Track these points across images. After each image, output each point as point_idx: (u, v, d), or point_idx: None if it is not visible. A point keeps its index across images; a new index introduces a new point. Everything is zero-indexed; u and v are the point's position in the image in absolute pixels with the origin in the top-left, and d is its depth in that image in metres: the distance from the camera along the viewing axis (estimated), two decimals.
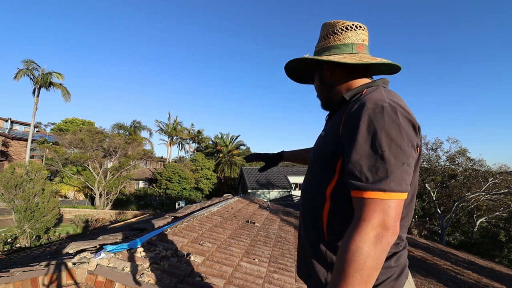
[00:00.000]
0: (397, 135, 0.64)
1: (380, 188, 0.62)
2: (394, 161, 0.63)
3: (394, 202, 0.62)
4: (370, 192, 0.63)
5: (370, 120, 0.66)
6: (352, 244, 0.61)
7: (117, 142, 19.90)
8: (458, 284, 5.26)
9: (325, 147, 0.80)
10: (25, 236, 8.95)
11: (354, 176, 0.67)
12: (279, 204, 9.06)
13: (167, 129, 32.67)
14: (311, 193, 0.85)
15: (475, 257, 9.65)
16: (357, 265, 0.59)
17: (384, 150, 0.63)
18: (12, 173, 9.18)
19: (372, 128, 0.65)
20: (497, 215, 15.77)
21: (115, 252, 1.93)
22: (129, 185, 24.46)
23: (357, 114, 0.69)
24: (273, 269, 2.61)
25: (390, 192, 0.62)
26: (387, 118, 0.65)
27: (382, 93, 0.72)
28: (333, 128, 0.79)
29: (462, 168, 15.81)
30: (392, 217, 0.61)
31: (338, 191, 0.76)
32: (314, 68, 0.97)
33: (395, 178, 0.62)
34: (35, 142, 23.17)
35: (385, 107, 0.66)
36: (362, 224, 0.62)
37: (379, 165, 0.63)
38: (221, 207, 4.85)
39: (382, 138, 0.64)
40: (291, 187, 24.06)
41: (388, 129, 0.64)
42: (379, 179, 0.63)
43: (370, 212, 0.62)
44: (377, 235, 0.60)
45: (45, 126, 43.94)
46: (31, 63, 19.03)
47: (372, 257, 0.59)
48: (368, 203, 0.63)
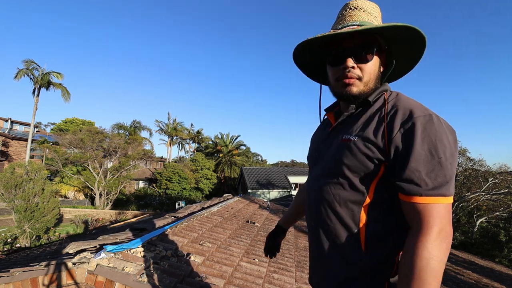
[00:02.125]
0: (448, 142, 0.66)
1: (441, 193, 0.64)
2: (450, 167, 0.66)
3: (450, 206, 0.65)
4: (431, 198, 0.64)
5: (424, 128, 0.66)
6: (425, 252, 0.61)
7: (117, 142, 19.90)
8: (458, 284, 5.26)
9: (364, 154, 0.73)
10: (25, 236, 8.95)
11: (413, 182, 0.66)
12: (279, 204, 9.07)
13: (167, 129, 32.67)
14: (337, 201, 0.79)
15: (475, 257, 9.65)
16: (433, 272, 0.60)
17: (441, 156, 0.65)
18: (12, 173, 9.18)
19: (426, 136, 0.66)
20: (497, 215, 15.76)
21: (115, 252, 1.93)
22: (129, 185, 24.46)
23: (409, 121, 0.68)
24: (273, 269, 2.61)
25: (449, 196, 0.65)
26: (438, 127, 0.67)
27: (414, 100, 0.75)
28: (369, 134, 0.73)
29: (462, 168, 15.79)
30: (449, 220, 0.64)
31: (379, 197, 0.74)
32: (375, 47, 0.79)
33: (452, 183, 0.65)
34: (35, 142, 23.17)
35: (433, 116, 0.68)
36: (429, 231, 0.62)
37: (438, 171, 0.65)
38: (221, 207, 4.85)
39: (438, 145, 0.65)
40: (291, 187, 24.05)
41: (440, 137, 0.66)
42: (440, 185, 0.64)
43: (432, 217, 0.63)
44: (443, 239, 0.62)
45: (45, 126, 43.97)
46: (31, 63, 19.04)
47: (444, 262, 0.61)
48: (430, 208, 0.64)
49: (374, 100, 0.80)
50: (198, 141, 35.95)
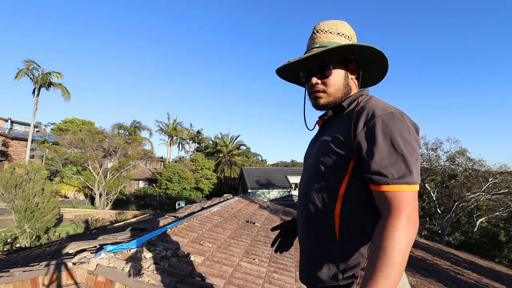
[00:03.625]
0: (409, 136, 0.75)
1: (406, 181, 0.71)
2: (411, 158, 0.73)
3: (415, 194, 0.72)
4: (398, 186, 0.71)
5: (385, 125, 0.75)
6: (395, 233, 0.66)
7: (117, 142, 19.88)
8: (458, 284, 5.26)
9: (334, 151, 0.83)
10: (25, 236, 8.94)
11: (379, 173, 0.74)
12: (279, 204, 9.07)
13: (167, 129, 32.65)
14: (316, 196, 0.88)
15: (475, 257, 9.65)
16: (401, 253, 0.65)
17: (403, 149, 0.72)
18: (12, 173, 9.17)
19: (388, 132, 0.74)
20: (497, 215, 15.77)
21: (115, 252, 1.93)
22: (129, 185, 24.45)
23: (371, 120, 0.77)
24: (273, 269, 2.61)
25: (413, 184, 0.71)
26: (398, 123, 0.75)
27: (382, 101, 0.85)
28: (339, 134, 0.84)
29: (462, 168, 15.80)
30: (415, 207, 0.71)
31: (350, 191, 0.82)
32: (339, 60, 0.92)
33: (415, 172, 0.72)
34: (35, 142, 23.17)
35: (394, 113, 0.77)
36: (398, 215, 0.69)
37: (401, 162, 0.72)
38: (221, 207, 4.84)
39: (399, 139, 0.73)
40: (291, 187, 24.05)
41: (401, 131, 0.74)
42: (404, 174, 0.71)
43: (401, 203, 0.70)
44: (411, 224, 0.68)
45: (45, 126, 44.05)
46: (31, 63, 19.03)
47: (410, 245, 0.67)
48: (397, 195, 0.71)
49: (348, 104, 0.91)
50: (198, 141, 35.95)
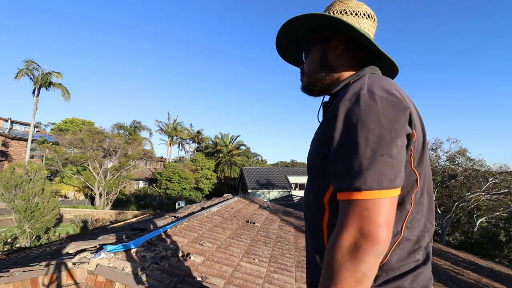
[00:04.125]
0: (374, 123, 0.55)
1: (355, 187, 0.53)
2: (370, 154, 0.54)
3: (375, 203, 0.52)
4: (346, 193, 0.55)
5: (346, 112, 0.58)
6: (327, 253, 0.55)
7: (117, 142, 19.89)
8: (458, 284, 5.26)
9: (317, 151, 0.70)
10: (25, 236, 8.94)
11: (333, 175, 0.60)
12: (279, 204, 9.07)
13: (167, 129, 32.66)
14: (311, 202, 0.76)
15: (475, 257, 9.65)
16: (331, 276, 0.53)
17: (359, 142, 0.55)
18: (12, 173, 9.18)
19: (347, 121, 0.58)
20: (497, 215, 15.76)
21: (115, 252, 1.93)
22: (129, 185, 24.45)
23: (335, 109, 0.62)
24: (273, 269, 2.61)
25: (366, 191, 0.52)
26: (363, 106, 0.56)
27: (364, 81, 0.64)
28: (320, 129, 0.71)
29: (462, 168, 15.79)
30: (374, 222, 0.51)
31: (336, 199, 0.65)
32: (319, 39, 0.80)
33: (371, 173, 0.53)
34: (35, 142, 23.17)
35: (362, 95, 0.58)
36: (338, 230, 0.55)
37: (354, 160, 0.55)
38: (221, 207, 4.85)
39: (358, 129, 0.55)
40: (291, 187, 24.05)
41: (363, 118, 0.55)
42: (354, 177, 0.54)
43: (346, 217, 0.54)
44: (354, 243, 0.51)
45: (45, 126, 44.06)
46: (31, 63, 19.04)
47: (348, 269, 0.51)
48: (344, 205, 0.55)
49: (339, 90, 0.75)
50: (198, 141, 35.94)
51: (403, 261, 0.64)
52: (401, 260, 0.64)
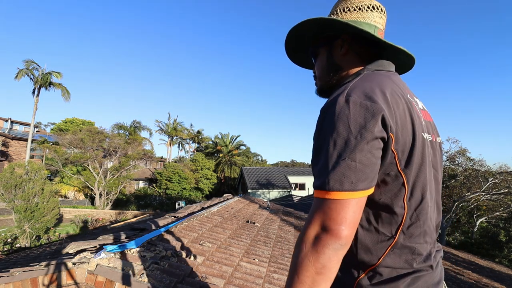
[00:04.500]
0: (343, 128, 0.58)
1: (321, 187, 0.58)
2: (335, 158, 0.57)
3: (337, 203, 0.56)
4: (316, 191, 0.60)
5: (323, 117, 0.62)
6: (295, 245, 0.60)
7: (117, 142, 19.89)
8: (458, 284, 5.26)
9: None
10: (25, 236, 8.95)
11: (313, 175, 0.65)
12: (279, 204, 9.07)
13: (167, 129, 32.66)
14: None
15: (475, 257, 9.65)
16: (295, 265, 0.58)
17: (328, 146, 0.59)
18: (12, 173, 9.18)
19: (322, 125, 0.62)
20: (497, 215, 15.77)
21: (115, 252, 1.93)
22: (129, 185, 24.46)
23: (320, 113, 0.65)
24: (273, 269, 2.61)
25: (328, 191, 0.57)
26: (336, 111, 0.59)
27: (350, 84, 0.66)
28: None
29: (462, 168, 15.81)
30: (334, 219, 0.55)
31: None
32: (324, 41, 0.82)
33: (333, 175, 0.57)
34: (35, 142, 23.18)
35: (338, 100, 0.61)
36: (306, 224, 0.60)
37: (322, 162, 0.60)
38: (221, 207, 4.85)
39: (327, 133, 0.60)
40: (291, 187, 24.06)
41: (335, 122, 0.59)
42: (321, 178, 0.59)
43: (313, 213, 0.59)
44: (316, 236, 0.56)
45: (45, 126, 44.09)
46: (31, 63, 19.06)
47: (310, 259, 0.56)
48: (314, 203, 0.61)
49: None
50: (198, 141, 35.95)
51: (399, 265, 0.65)
52: (397, 264, 0.65)
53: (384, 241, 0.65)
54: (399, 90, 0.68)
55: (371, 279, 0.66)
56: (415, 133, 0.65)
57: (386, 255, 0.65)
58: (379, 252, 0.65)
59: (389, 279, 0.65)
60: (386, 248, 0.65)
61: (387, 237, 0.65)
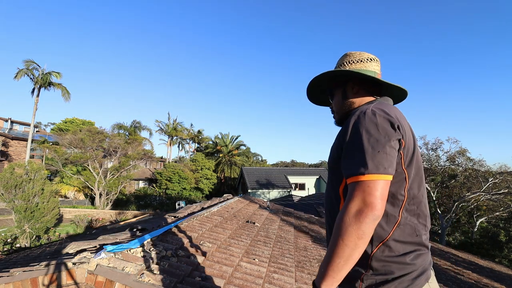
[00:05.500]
0: (374, 131, 0.80)
1: (361, 172, 0.77)
2: (371, 150, 0.78)
3: (374, 183, 0.75)
4: (354, 177, 0.78)
5: (355, 123, 0.84)
6: (338, 218, 0.77)
7: (117, 142, 19.88)
8: (458, 284, 5.25)
9: (334, 154, 0.94)
10: (25, 236, 8.94)
11: (344, 167, 0.83)
12: (279, 204, 9.06)
13: (167, 129, 32.65)
14: (331, 194, 0.98)
15: (475, 257, 9.65)
16: (340, 233, 0.74)
17: (364, 143, 0.79)
18: (12, 173, 9.17)
19: (355, 128, 0.83)
20: (497, 215, 15.76)
21: (115, 252, 1.93)
22: (129, 185, 24.45)
23: (348, 122, 0.88)
24: (273, 269, 2.61)
25: (368, 174, 0.75)
26: (367, 119, 0.82)
27: (371, 104, 0.90)
28: (337, 138, 0.94)
29: (462, 168, 15.79)
30: (373, 195, 0.74)
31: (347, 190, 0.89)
32: (338, 84, 1.09)
33: (372, 163, 0.76)
34: (35, 142, 23.16)
35: (367, 112, 0.84)
36: (347, 203, 0.76)
37: (359, 154, 0.79)
38: (221, 207, 4.84)
39: (362, 133, 0.81)
40: (291, 187, 24.06)
41: (367, 127, 0.81)
42: (359, 165, 0.78)
43: (353, 192, 0.76)
44: (358, 209, 0.73)
45: (45, 126, 44.09)
46: (31, 63, 19.03)
47: (353, 227, 0.72)
48: (353, 186, 0.78)
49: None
50: (198, 141, 35.94)
51: (404, 239, 0.85)
52: (402, 238, 0.85)
53: (391, 219, 0.85)
54: (402, 114, 0.94)
55: (383, 252, 0.84)
56: (415, 144, 0.91)
57: (394, 230, 0.85)
58: (389, 228, 0.84)
59: (398, 255, 0.84)
60: (393, 225, 0.85)
61: (393, 216, 0.85)
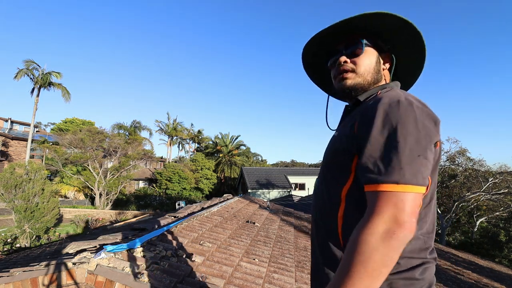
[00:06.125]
0: (412, 127, 0.61)
1: (393, 180, 0.58)
2: (409, 153, 0.59)
3: (409, 196, 0.57)
4: (383, 185, 0.59)
5: (386, 114, 0.64)
6: (358, 236, 0.57)
7: (117, 142, 19.88)
8: (458, 284, 5.25)
9: (339, 146, 0.75)
10: (25, 236, 8.94)
11: (367, 169, 0.63)
12: (279, 204, 9.06)
13: (167, 129, 32.65)
14: (324, 196, 0.80)
15: (475, 257, 9.64)
16: (361, 258, 0.55)
17: (399, 141, 0.60)
18: (12, 173, 9.17)
19: (387, 121, 0.63)
20: (497, 215, 15.76)
21: (115, 252, 1.93)
22: (129, 185, 24.44)
23: (373, 109, 0.67)
24: (273, 269, 2.61)
25: (404, 184, 0.57)
26: (402, 111, 0.62)
27: (398, 91, 0.71)
28: (346, 127, 0.76)
29: (462, 168, 15.79)
30: (407, 212, 0.56)
31: (354, 191, 0.71)
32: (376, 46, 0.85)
33: (410, 169, 0.58)
34: (35, 142, 23.16)
35: (401, 101, 0.64)
36: (372, 218, 0.57)
37: (393, 156, 0.59)
38: (221, 207, 4.84)
39: (397, 129, 0.61)
40: (291, 187, 24.05)
41: (403, 121, 0.61)
42: (392, 171, 0.58)
43: (381, 205, 0.57)
44: (388, 230, 0.55)
45: (45, 126, 44.10)
46: (31, 63, 19.03)
47: (380, 252, 0.54)
48: (380, 196, 0.58)
49: (367, 97, 0.81)
50: (198, 141, 35.94)
51: (415, 254, 0.69)
52: (413, 253, 0.69)
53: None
54: None
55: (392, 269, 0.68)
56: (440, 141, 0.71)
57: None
58: None
59: (406, 270, 0.68)
60: None
61: None
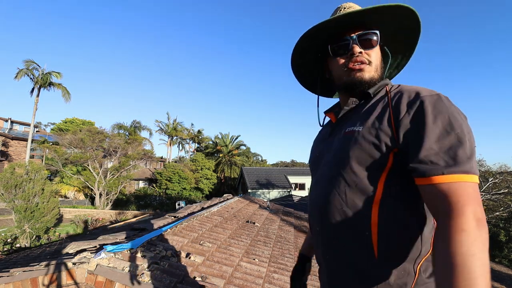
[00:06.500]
0: (461, 119, 0.60)
1: (465, 170, 0.53)
2: (470, 143, 0.56)
3: (477, 186, 0.53)
4: (455, 175, 0.53)
5: (434, 106, 0.61)
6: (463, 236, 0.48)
7: (117, 142, 19.89)
8: None
9: (369, 142, 0.66)
10: (25, 236, 8.95)
11: (430, 161, 0.56)
12: (279, 204, 9.06)
13: (167, 129, 32.67)
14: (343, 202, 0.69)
15: None
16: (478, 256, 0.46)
17: (458, 131, 0.57)
18: (12, 173, 9.18)
19: (438, 113, 0.60)
20: (497, 215, 15.77)
21: (115, 252, 1.93)
22: (129, 185, 24.45)
23: (416, 101, 0.63)
24: (273, 269, 2.61)
25: (473, 174, 0.54)
26: (448, 104, 0.61)
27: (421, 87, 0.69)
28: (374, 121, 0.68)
29: None
30: (480, 201, 0.52)
31: (391, 192, 0.65)
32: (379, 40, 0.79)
33: (474, 160, 0.55)
34: (35, 142, 23.17)
35: (441, 95, 0.63)
36: (460, 212, 0.50)
37: (458, 145, 0.56)
38: (221, 207, 4.85)
39: (452, 120, 0.58)
40: (291, 187, 24.04)
41: (453, 113, 0.60)
42: (462, 161, 0.54)
43: (462, 197, 0.51)
44: (478, 220, 0.49)
45: (45, 126, 44.10)
46: (31, 63, 19.05)
47: (485, 244, 0.48)
48: (456, 187, 0.52)
49: (375, 92, 0.76)
50: (198, 141, 35.96)
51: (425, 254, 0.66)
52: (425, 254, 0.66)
53: (432, 228, 0.67)
54: None
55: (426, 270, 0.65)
56: None
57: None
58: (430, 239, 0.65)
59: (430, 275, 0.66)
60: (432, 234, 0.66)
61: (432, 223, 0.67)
